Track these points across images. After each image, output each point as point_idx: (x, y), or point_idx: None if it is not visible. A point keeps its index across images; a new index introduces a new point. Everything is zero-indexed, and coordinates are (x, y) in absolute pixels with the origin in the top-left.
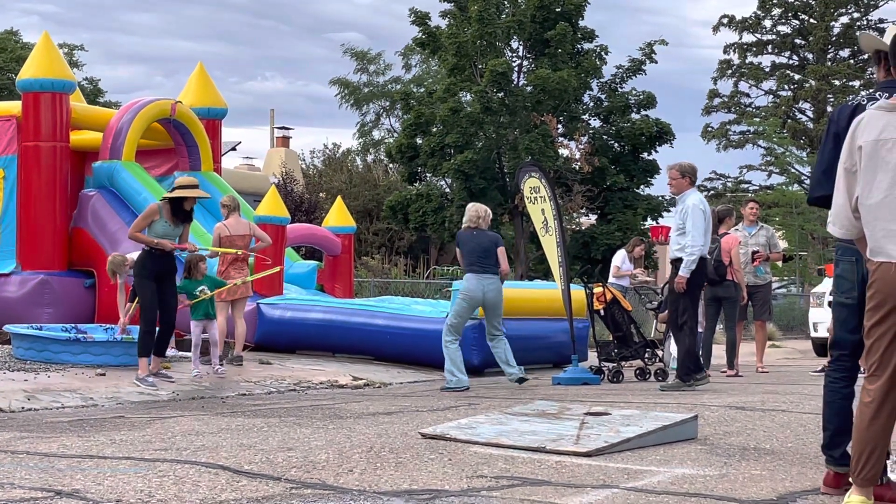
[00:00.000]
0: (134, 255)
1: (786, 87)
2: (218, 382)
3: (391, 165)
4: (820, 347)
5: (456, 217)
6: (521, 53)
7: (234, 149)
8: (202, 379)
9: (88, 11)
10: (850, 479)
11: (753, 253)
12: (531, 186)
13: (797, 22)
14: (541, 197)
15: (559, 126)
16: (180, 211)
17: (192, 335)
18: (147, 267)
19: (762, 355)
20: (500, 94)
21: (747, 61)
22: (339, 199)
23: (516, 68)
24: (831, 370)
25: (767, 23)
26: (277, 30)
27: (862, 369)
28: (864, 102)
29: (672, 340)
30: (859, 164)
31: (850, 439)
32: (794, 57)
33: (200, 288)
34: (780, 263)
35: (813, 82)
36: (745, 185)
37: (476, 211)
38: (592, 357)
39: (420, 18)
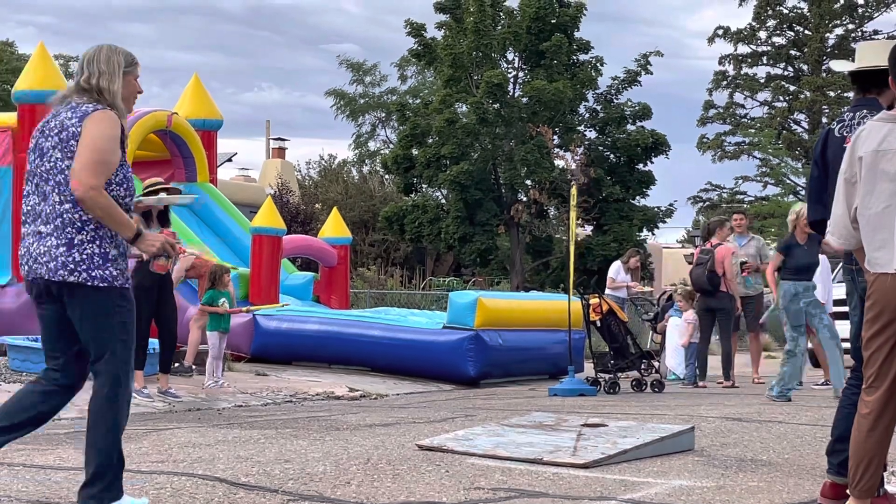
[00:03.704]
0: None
1: (781, 98)
2: (214, 394)
3: (387, 176)
4: (815, 358)
5: (452, 228)
6: (516, 65)
7: (230, 160)
8: (221, 388)
9: (84, 22)
10: (848, 491)
11: (742, 264)
12: (573, 194)
13: (792, 33)
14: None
15: (555, 137)
16: (150, 213)
17: (209, 347)
18: (146, 276)
19: (758, 366)
20: (496, 106)
21: (742, 72)
22: (334, 210)
23: (512, 79)
24: (848, 378)
25: (762, 34)
26: (273, 41)
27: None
28: (833, 126)
29: (668, 351)
30: (859, 174)
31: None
32: (790, 68)
33: (221, 300)
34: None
35: (808, 93)
36: (741, 197)
37: None
38: (589, 368)
39: (416, 30)
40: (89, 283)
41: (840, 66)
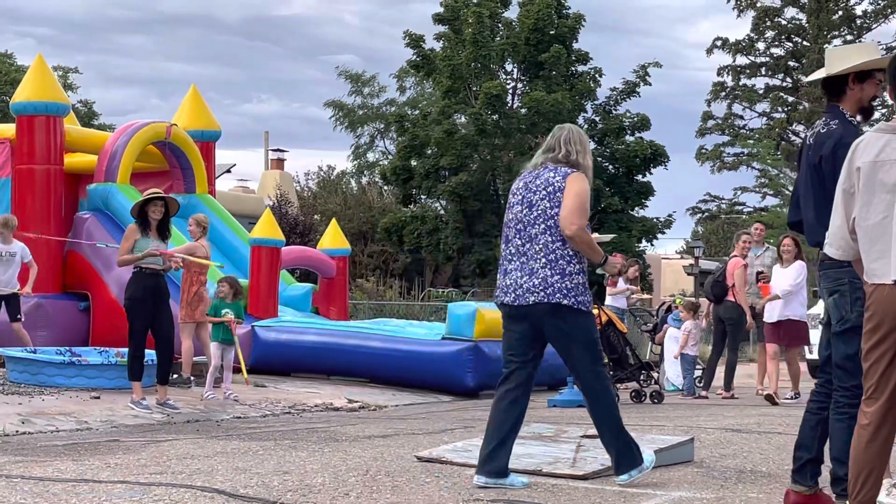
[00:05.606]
0: None
1: (779, 109)
2: (212, 405)
3: (386, 187)
4: (814, 370)
5: (451, 239)
6: (515, 76)
7: (228, 171)
8: (218, 401)
9: (83, 34)
10: (848, 503)
11: (758, 273)
12: None
13: (790, 44)
14: None
15: None
16: (148, 222)
17: (211, 357)
18: (140, 287)
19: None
20: (495, 117)
21: (741, 83)
22: (333, 221)
23: (510, 90)
24: (814, 389)
25: (761, 45)
26: (272, 52)
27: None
28: (808, 135)
29: (667, 362)
30: (857, 185)
31: (807, 455)
32: (788, 79)
33: (225, 311)
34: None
35: (807, 104)
36: (740, 207)
37: None
38: None
39: (414, 41)
40: (576, 307)
41: (812, 76)
